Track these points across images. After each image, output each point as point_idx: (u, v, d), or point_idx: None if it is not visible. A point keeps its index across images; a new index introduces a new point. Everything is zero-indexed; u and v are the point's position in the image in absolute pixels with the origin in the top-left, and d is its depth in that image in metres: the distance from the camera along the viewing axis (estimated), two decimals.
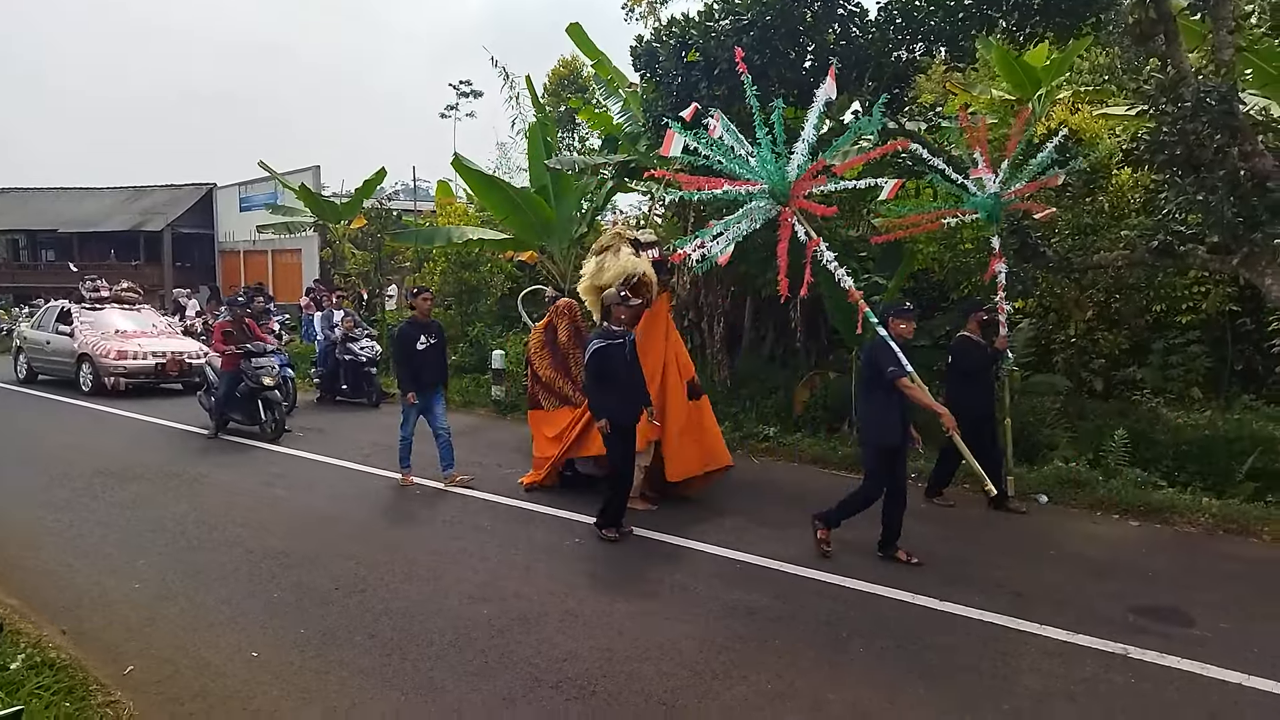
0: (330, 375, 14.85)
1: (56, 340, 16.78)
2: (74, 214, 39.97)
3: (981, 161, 8.16)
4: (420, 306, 8.96)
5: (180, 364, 15.76)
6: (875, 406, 6.48)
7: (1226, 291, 9.68)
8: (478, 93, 45.35)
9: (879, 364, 6.37)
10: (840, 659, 4.89)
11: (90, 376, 15.70)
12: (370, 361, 14.46)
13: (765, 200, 7.12)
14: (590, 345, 7.03)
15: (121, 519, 7.62)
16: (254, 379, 11.23)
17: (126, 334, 16.34)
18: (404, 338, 8.77)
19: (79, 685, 4.37)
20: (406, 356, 8.68)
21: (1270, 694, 4.43)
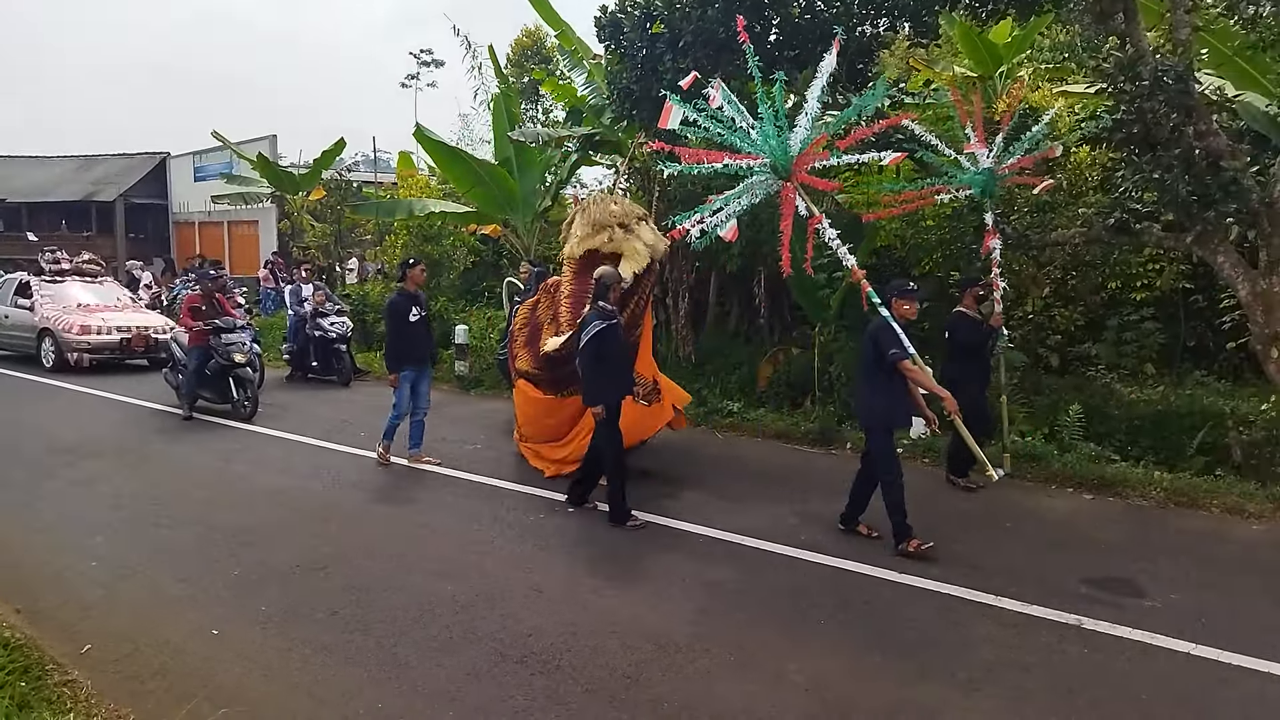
0: (300, 352, 14.31)
1: (15, 314, 16.16)
2: (23, 183, 38.87)
3: (974, 137, 8.01)
4: (415, 277, 8.68)
5: (146, 339, 15.22)
6: (878, 389, 6.33)
7: (1180, 269, 9.85)
8: (439, 62, 44.81)
9: (881, 346, 6.19)
10: (801, 631, 4.96)
11: (52, 352, 15.10)
12: (340, 338, 13.91)
13: (766, 175, 6.96)
14: (589, 326, 6.75)
15: (80, 496, 7.49)
16: (225, 356, 10.80)
17: (89, 308, 15.71)
18: (396, 309, 8.43)
19: (34, 664, 4.31)
20: (398, 329, 8.39)
21: (1217, 662, 4.57)
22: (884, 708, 4.12)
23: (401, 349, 8.39)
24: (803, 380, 11.00)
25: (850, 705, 4.15)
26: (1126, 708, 4.13)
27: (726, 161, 6.90)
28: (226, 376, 10.91)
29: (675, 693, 4.23)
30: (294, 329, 14.58)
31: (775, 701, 4.16)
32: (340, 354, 13.90)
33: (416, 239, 17.98)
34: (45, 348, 15.25)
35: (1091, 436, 8.62)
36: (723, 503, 7.42)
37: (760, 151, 6.89)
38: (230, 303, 12.36)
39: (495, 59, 17.15)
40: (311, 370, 14.13)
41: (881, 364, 6.19)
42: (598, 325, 6.73)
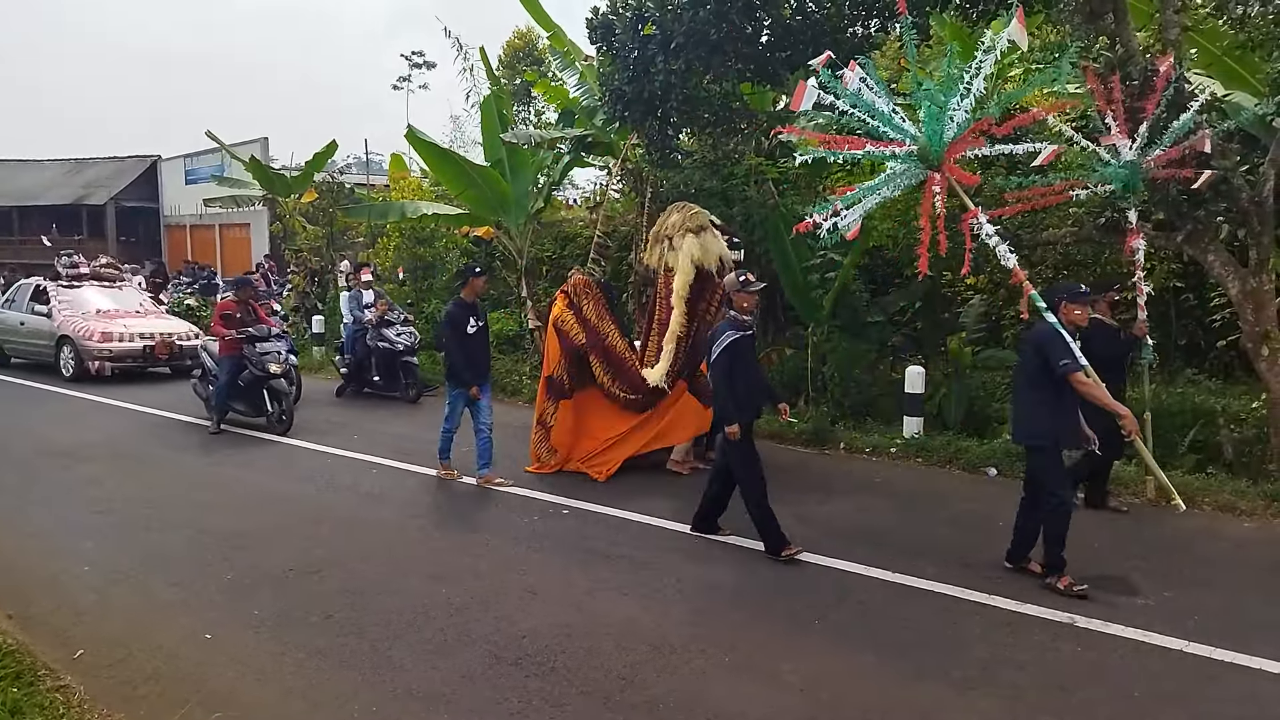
0: (359, 364, 13.04)
1: (32, 321, 15.35)
2: (12, 186, 38.70)
3: (1115, 127, 7.16)
4: (476, 287, 8.13)
5: (170, 346, 14.42)
6: (1043, 404, 5.62)
7: (1171, 268, 9.88)
8: (431, 64, 44.76)
9: (1049, 356, 5.51)
10: (796, 631, 4.97)
11: (72, 360, 14.29)
12: (409, 350, 12.69)
13: (913, 163, 6.30)
14: (722, 337, 6.14)
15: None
16: (259, 366, 10.12)
17: (110, 314, 14.93)
18: (455, 321, 7.87)
19: (27, 670, 4.29)
20: (459, 342, 7.89)
21: (1209, 659, 4.59)
22: (879, 707, 4.13)
23: (462, 362, 7.93)
24: (796, 381, 11.02)
25: (845, 705, 4.16)
26: (1120, 705, 4.14)
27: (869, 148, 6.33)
28: (261, 388, 10.31)
29: (670, 694, 4.23)
30: (351, 339, 13.33)
31: (770, 702, 4.17)
32: (411, 367, 12.76)
33: (409, 241, 17.93)
34: (64, 356, 14.50)
35: None
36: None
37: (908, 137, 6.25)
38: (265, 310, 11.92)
39: (487, 61, 17.12)
40: (371, 384, 12.97)
41: (1049, 376, 5.53)
42: (731, 335, 6.13)
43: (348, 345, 13.46)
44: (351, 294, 13.54)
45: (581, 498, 7.53)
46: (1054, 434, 5.60)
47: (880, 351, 10.83)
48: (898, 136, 6.29)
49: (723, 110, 10.08)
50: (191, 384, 11.59)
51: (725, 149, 12.00)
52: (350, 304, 13.64)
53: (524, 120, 21.80)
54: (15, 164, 41.22)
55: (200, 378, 11.36)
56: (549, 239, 17.46)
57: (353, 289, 13.39)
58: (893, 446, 9.24)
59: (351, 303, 13.57)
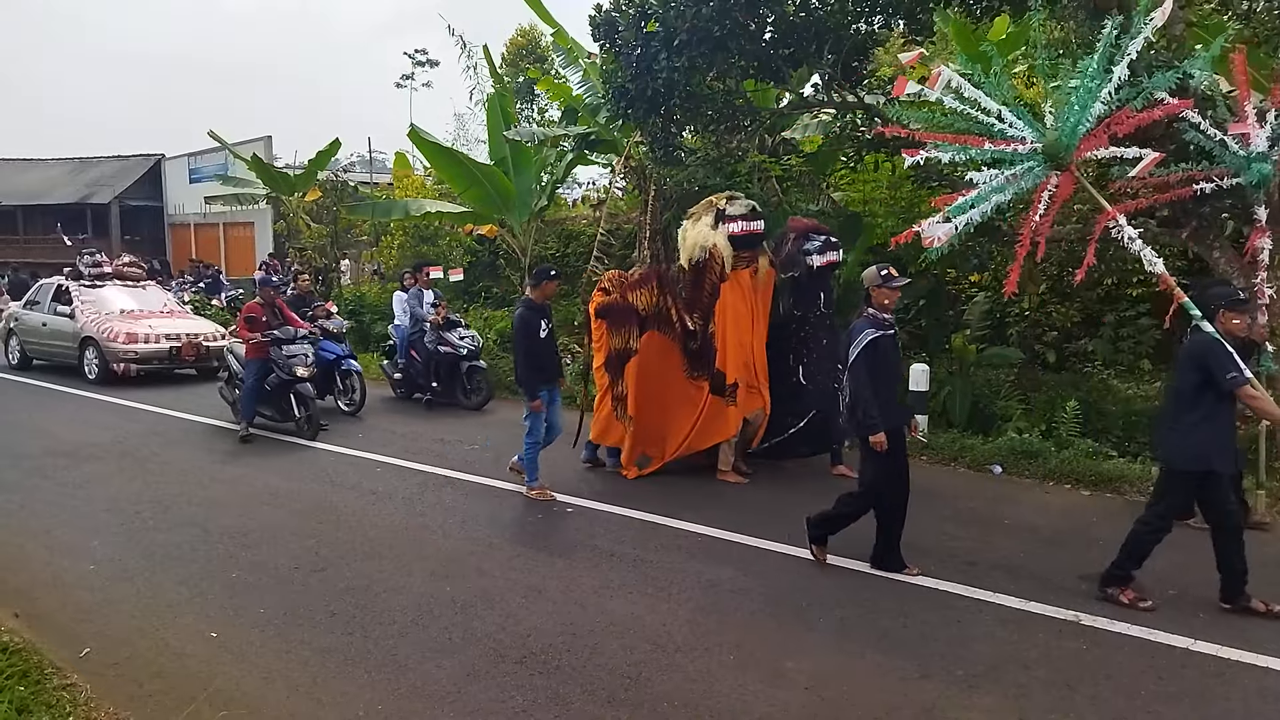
0: (416, 369, 12.21)
1: (54, 322, 14.87)
2: (16, 185, 38.76)
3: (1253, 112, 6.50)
4: (548, 290, 7.71)
5: (197, 347, 13.96)
6: (1200, 422, 5.15)
7: (1176, 265, 9.86)
8: (434, 62, 44.78)
9: (1212, 370, 5.04)
10: (800, 629, 4.97)
11: (96, 362, 13.84)
12: (472, 354, 11.93)
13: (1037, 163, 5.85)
14: (862, 335, 5.58)
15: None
16: (286, 369, 9.79)
17: (134, 314, 14.49)
18: (527, 325, 7.42)
19: (34, 668, 4.30)
20: (529, 347, 7.46)
21: (1216, 657, 4.58)
22: (884, 705, 4.13)
23: (534, 370, 7.50)
24: None
25: (850, 703, 4.16)
26: (1126, 703, 4.13)
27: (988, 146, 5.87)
28: (288, 392, 9.95)
29: (675, 692, 4.23)
30: (405, 343, 12.39)
31: (775, 700, 4.17)
32: (477, 373, 11.94)
33: (413, 239, 17.99)
34: (88, 358, 14.04)
35: (1088, 433, 8.63)
36: (720, 501, 7.42)
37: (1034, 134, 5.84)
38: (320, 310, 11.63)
39: (490, 59, 17.17)
40: (429, 391, 12.05)
41: (1210, 392, 5.10)
42: (871, 334, 5.58)
43: (401, 349, 12.47)
44: (411, 293, 12.47)
45: (585, 496, 7.53)
46: (1205, 457, 5.14)
47: None
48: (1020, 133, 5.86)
49: (726, 108, 10.07)
50: (218, 387, 11.24)
51: (728, 146, 12.00)
52: (408, 304, 12.46)
53: (527, 118, 21.80)
54: (20, 163, 41.30)
55: (226, 381, 10.98)
56: (552, 237, 17.49)
57: (409, 288, 12.51)
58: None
59: (410, 303, 12.41)
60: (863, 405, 5.55)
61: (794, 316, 8.32)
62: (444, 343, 11.87)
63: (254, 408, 9.96)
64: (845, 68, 9.56)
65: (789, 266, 8.26)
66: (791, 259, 8.24)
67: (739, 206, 8.04)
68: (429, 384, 11.98)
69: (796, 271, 8.23)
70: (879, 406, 5.52)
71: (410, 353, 12.24)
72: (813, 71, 10.76)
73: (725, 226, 7.87)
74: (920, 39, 10.00)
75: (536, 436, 7.52)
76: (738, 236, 7.87)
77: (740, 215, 7.93)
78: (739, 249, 7.91)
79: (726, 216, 7.90)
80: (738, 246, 7.89)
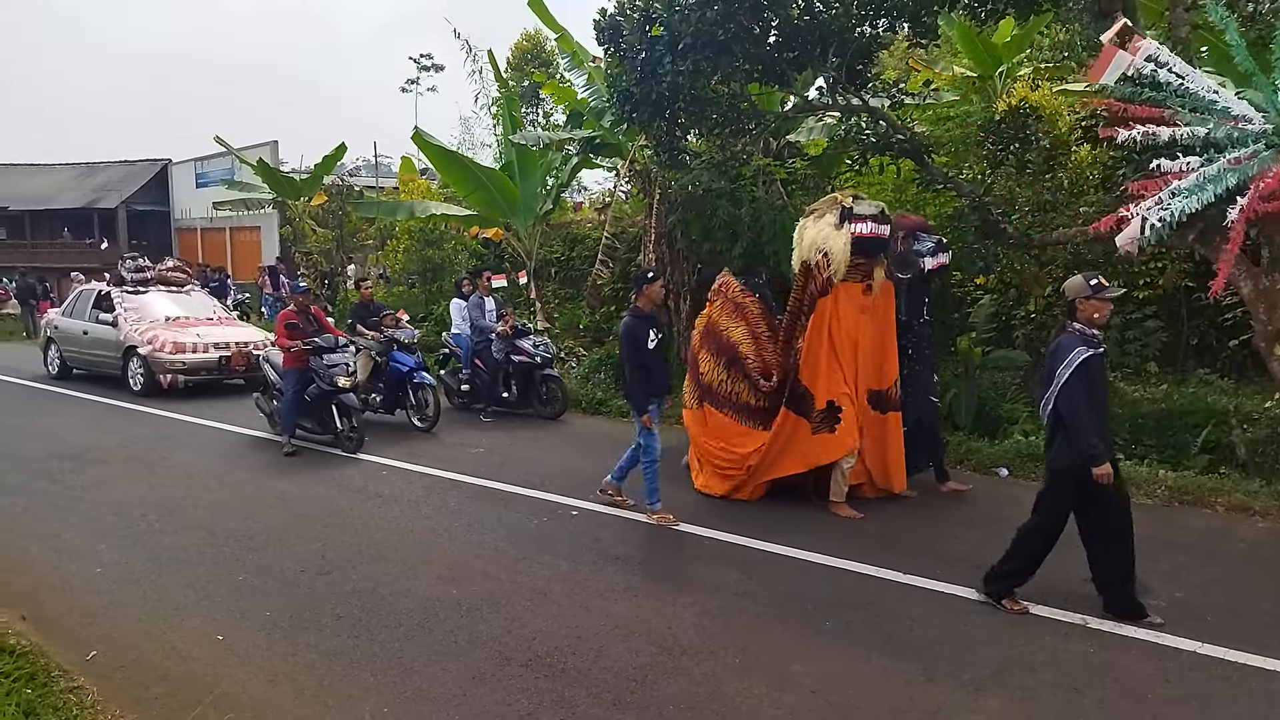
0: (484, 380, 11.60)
1: (96, 330, 14.10)
2: (25, 190, 38.99)
3: None
4: (653, 294, 7.11)
5: (247, 357, 13.13)
6: None
7: (1182, 267, 9.83)
8: (439, 66, 44.85)
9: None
10: (806, 633, 4.96)
11: (141, 373, 13.08)
12: (546, 362, 11.48)
13: (1265, 144, 5.32)
14: (1073, 353, 4.93)
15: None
16: (327, 380, 9.31)
17: (181, 322, 13.79)
18: (634, 335, 6.89)
19: (40, 671, 4.32)
20: (637, 359, 6.91)
21: (1223, 660, 4.56)
22: (890, 709, 4.12)
23: (642, 382, 6.95)
24: None
25: (856, 707, 4.15)
26: (1133, 706, 4.12)
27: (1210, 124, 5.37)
28: (329, 403, 9.49)
29: (681, 695, 4.22)
30: (471, 351, 11.78)
31: (780, 704, 4.16)
32: (552, 380, 11.51)
33: (419, 243, 18.02)
34: (133, 368, 13.28)
35: None
36: (724, 505, 7.41)
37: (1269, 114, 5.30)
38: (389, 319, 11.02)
39: (495, 63, 17.19)
40: (500, 401, 11.53)
41: None
42: (1082, 353, 4.94)
43: (465, 359, 11.84)
44: (471, 301, 11.83)
45: (590, 499, 7.53)
46: None
47: None
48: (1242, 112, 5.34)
49: (730, 111, 10.07)
50: (254, 398, 10.72)
51: (733, 150, 11.99)
52: (468, 313, 11.83)
53: (532, 122, 21.86)
54: (27, 168, 41.53)
55: (262, 392, 10.50)
56: (557, 240, 17.52)
57: (469, 295, 11.92)
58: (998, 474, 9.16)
59: (471, 311, 11.79)
60: (1082, 433, 4.92)
61: (899, 323, 7.53)
62: (517, 351, 11.37)
63: (295, 420, 9.56)
64: (850, 71, 9.55)
65: (901, 267, 7.49)
66: (904, 259, 7.51)
67: (867, 206, 7.23)
68: (499, 394, 11.48)
69: (909, 273, 7.53)
70: (1098, 432, 4.96)
71: (475, 362, 11.72)
72: (817, 75, 10.74)
73: (851, 227, 7.01)
74: (925, 42, 10.00)
75: (654, 454, 6.93)
76: (865, 239, 7.02)
77: (869, 216, 7.09)
78: (860, 255, 7.07)
79: (854, 216, 7.06)
80: (860, 252, 7.06)
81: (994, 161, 9.53)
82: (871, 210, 7.16)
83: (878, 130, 9.57)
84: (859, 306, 7.22)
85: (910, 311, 7.62)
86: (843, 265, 7.00)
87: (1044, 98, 10.89)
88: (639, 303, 7.09)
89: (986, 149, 9.68)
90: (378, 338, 10.52)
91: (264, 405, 10.44)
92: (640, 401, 6.93)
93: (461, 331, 11.99)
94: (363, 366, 10.48)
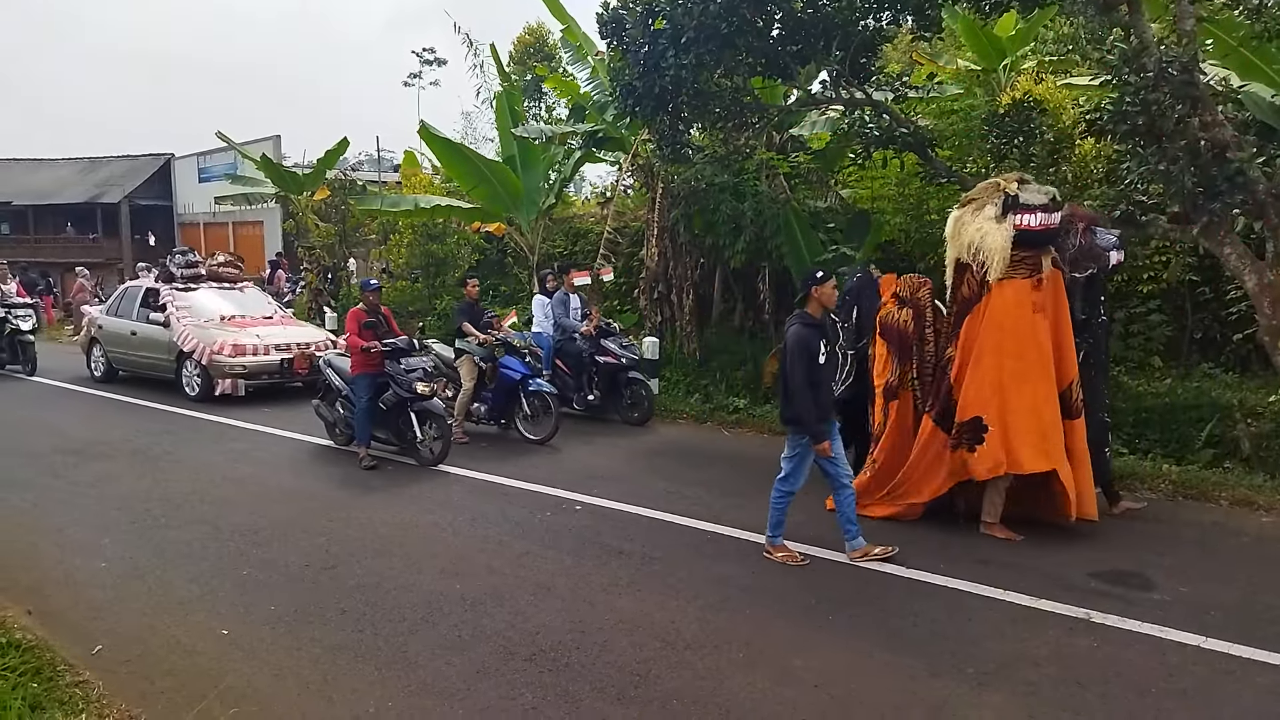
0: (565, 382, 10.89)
1: (145, 330, 13.17)
2: (27, 185, 38.99)
3: None
4: (825, 296, 6.00)
5: (309, 359, 12.16)
6: None
7: (1186, 261, 9.80)
8: (442, 60, 44.69)
9: None
10: (810, 627, 4.96)
11: (198, 377, 12.26)
12: (633, 364, 10.79)
13: None
14: None
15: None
16: (406, 386, 8.50)
17: (238, 321, 12.94)
18: (807, 346, 5.81)
19: (46, 665, 4.33)
20: (810, 374, 5.80)
21: (1227, 655, 4.56)
22: (893, 703, 4.12)
23: (812, 405, 5.81)
24: None
25: (859, 701, 4.15)
26: (1137, 701, 4.12)
27: None
28: (406, 411, 8.68)
29: (684, 689, 4.23)
30: (552, 351, 11.08)
31: (784, 698, 4.16)
32: (635, 384, 10.80)
33: (421, 238, 18.01)
34: (187, 372, 12.45)
35: None
36: (730, 499, 7.42)
37: None
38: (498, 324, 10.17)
39: (498, 57, 17.17)
40: (586, 405, 10.91)
41: None
42: None
43: (546, 359, 10.84)
44: (555, 298, 11.17)
45: (594, 494, 7.54)
46: None
47: None
48: None
49: (734, 105, 10.04)
50: (313, 405, 9.75)
51: (736, 143, 12.00)
52: (552, 310, 11.21)
53: (535, 116, 21.82)
54: (30, 163, 41.55)
55: (322, 398, 9.63)
56: (560, 235, 17.50)
57: (554, 292, 11.30)
58: None
59: (554, 308, 11.16)
60: None
61: (1076, 322, 6.65)
62: (603, 352, 10.73)
63: (370, 430, 8.74)
64: (853, 64, 9.53)
65: (1085, 261, 6.68)
66: (1088, 252, 6.67)
67: (1035, 193, 6.34)
68: (585, 396, 10.91)
69: (1094, 268, 6.71)
70: None
71: (555, 363, 11.02)
72: (820, 68, 10.73)
73: (1014, 219, 6.22)
74: (929, 35, 9.96)
75: (795, 484, 6.04)
76: (1032, 233, 6.22)
77: (1038, 205, 6.24)
78: (1025, 248, 6.28)
79: (1020, 205, 6.23)
80: (1025, 245, 6.27)
81: (998, 155, 9.49)
82: (1040, 198, 6.29)
83: (881, 124, 9.55)
84: (1032, 305, 6.33)
85: (1089, 310, 6.82)
86: (1001, 264, 6.21)
87: (1048, 91, 10.83)
88: (808, 308, 5.99)
89: (990, 143, 9.65)
90: (489, 340, 9.69)
91: (326, 413, 9.52)
92: (816, 427, 5.81)
93: (543, 330, 11.35)
94: (467, 373, 9.75)
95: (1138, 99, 7.06)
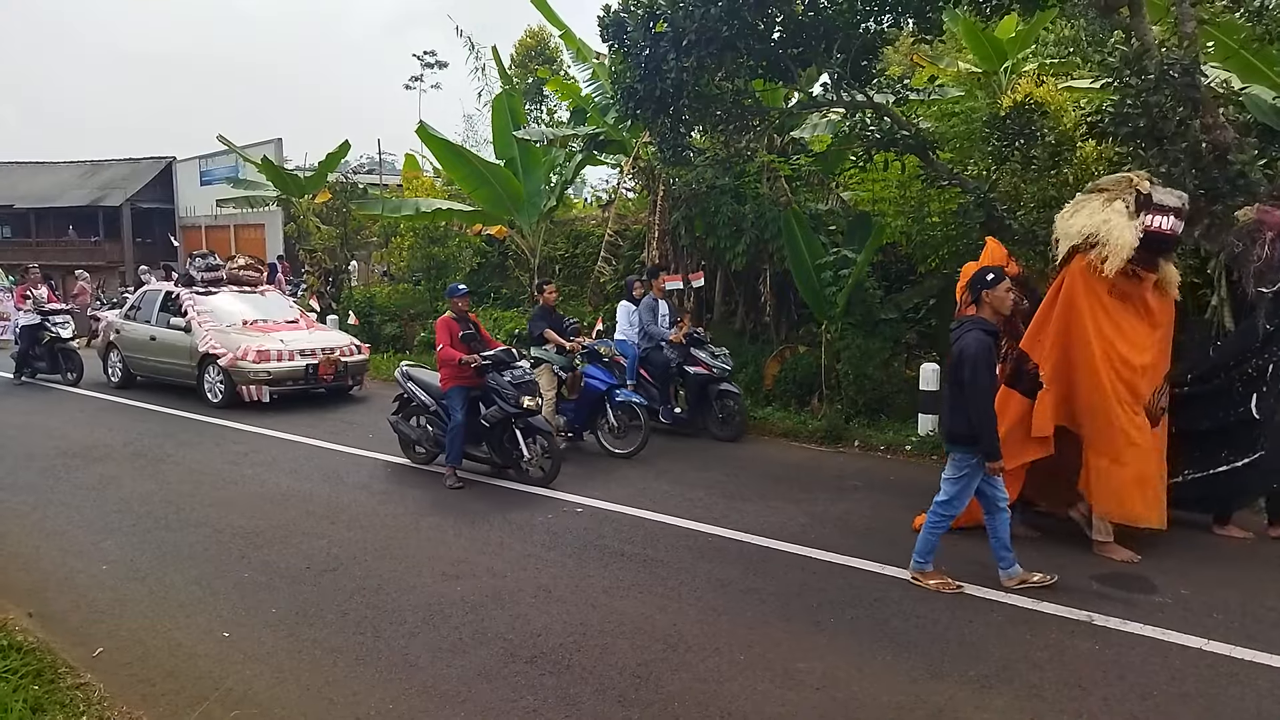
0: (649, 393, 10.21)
1: (165, 336, 12.83)
2: (30, 189, 39.09)
3: None
4: (998, 300, 5.38)
5: (335, 364, 12.14)
6: None
7: (1188, 264, 9.80)
8: (443, 63, 44.71)
9: None
10: (810, 629, 4.96)
11: (221, 384, 11.93)
12: (725, 376, 10.06)
13: None
14: None
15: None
16: (511, 401, 7.78)
17: (261, 326, 12.64)
18: (988, 354, 5.28)
19: (47, 668, 4.33)
20: (988, 390, 5.31)
21: (1230, 658, 4.56)
22: (895, 706, 4.11)
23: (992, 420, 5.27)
24: (810, 379, 11.00)
25: (861, 704, 4.14)
26: (1139, 703, 4.11)
27: None
28: (510, 428, 8.03)
29: (685, 692, 4.22)
30: (637, 361, 10.39)
31: (785, 701, 4.16)
32: (727, 396, 10.01)
33: (423, 241, 18.02)
34: (210, 378, 12.10)
35: None
36: (731, 501, 7.41)
37: None
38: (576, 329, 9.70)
39: (499, 60, 17.19)
40: (674, 418, 10.29)
41: None
42: None
43: (631, 369, 10.19)
44: (644, 304, 10.50)
45: (595, 496, 7.54)
46: None
47: (894, 349, 10.80)
48: None
49: (735, 107, 10.05)
50: (390, 420, 8.96)
51: (737, 146, 11.99)
52: (640, 317, 10.48)
53: (536, 119, 21.85)
54: (31, 166, 41.64)
55: (397, 412, 8.88)
56: (561, 237, 17.51)
57: (641, 298, 10.61)
58: (907, 444, 9.23)
59: (642, 315, 10.45)
60: None
61: (1267, 334, 6.36)
62: (693, 362, 10.04)
63: (462, 449, 8.11)
64: (854, 67, 9.53)
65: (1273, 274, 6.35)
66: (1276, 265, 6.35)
67: (1169, 195, 6.04)
68: (670, 409, 10.30)
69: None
70: None
71: (640, 372, 10.37)
72: (821, 71, 10.74)
73: (1146, 219, 5.90)
74: (929, 38, 9.97)
75: (959, 508, 5.48)
76: (1160, 236, 5.94)
77: (1171, 208, 5.96)
78: (1149, 251, 5.98)
79: (1154, 205, 5.92)
80: (1151, 248, 5.97)
81: (999, 158, 9.48)
82: (1174, 201, 5.99)
83: (882, 126, 9.56)
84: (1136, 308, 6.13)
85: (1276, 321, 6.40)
86: (1121, 261, 5.86)
87: (1049, 93, 10.83)
88: (981, 312, 5.40)
89: (991, 145, 9.64)
90: (576, 348, 9.21)
91: (405, 428, 8.78)
92: (990, 447, 5.21)
93: (627, 337, 10.54)
94: (546, 383, 9.13)
95: (1139, 101, 7.06)
